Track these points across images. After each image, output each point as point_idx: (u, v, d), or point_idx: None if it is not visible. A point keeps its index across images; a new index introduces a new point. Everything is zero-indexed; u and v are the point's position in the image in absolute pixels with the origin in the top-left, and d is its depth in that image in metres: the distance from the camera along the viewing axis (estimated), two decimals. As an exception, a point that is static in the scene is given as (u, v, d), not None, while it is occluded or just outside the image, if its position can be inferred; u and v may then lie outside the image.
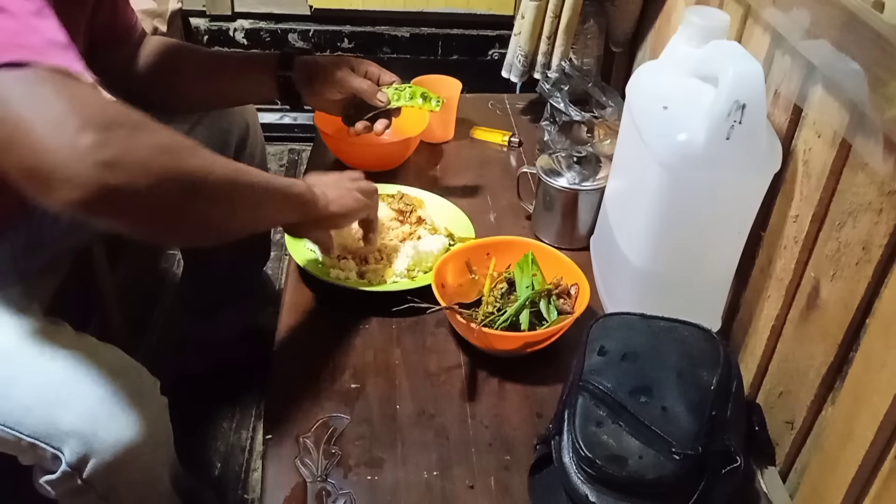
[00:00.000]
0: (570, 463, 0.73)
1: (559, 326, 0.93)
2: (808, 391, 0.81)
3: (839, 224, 0.76)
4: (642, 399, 0.74)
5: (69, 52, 0.66)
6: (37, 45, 0.64)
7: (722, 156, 0.82)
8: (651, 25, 1.38)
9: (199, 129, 1.18)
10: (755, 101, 0.78)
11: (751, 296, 0.95)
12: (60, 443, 0.79)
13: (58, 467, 0.80)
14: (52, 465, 0.81)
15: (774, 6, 0.86)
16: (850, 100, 0.72)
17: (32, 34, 0.64)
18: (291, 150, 2.23)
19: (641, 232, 0.93)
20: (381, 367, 0.95)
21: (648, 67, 0.98)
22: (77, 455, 0.79)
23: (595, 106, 1.30)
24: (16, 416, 0.80)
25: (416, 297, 0.95)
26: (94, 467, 0.80)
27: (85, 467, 0.80)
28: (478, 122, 1.48)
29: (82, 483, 0.80)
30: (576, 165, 1.14)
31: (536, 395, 0.92)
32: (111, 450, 0.80)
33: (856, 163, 0.73)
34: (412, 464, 0.83)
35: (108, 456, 0.80)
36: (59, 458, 0.80)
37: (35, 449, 0.80)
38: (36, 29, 0.65)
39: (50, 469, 0.81)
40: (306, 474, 0.81)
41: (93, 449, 0.79)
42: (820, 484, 0.77)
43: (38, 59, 0.62)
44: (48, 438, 0.79)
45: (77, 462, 0.79)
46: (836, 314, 0.76)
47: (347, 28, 2.13)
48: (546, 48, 1.42)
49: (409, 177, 1.32)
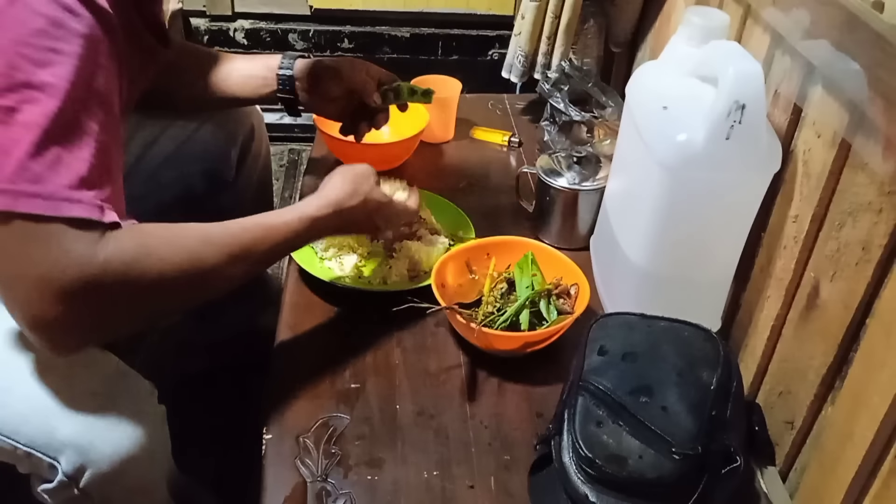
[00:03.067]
0: (570, 463, 0.73)
1: (559, 326, 0.93)
2: (808, 391, 0.81)
3: (839, 224, 0.76)
4: (642, 399, 0.73)
5: (92, 192, 0.69)
6: (55, 191, 0.66)
7: (722, 156, 0.82)
8: (651, 25, 1.38)
9: (206, 128, 1.18)
10: (755, 101, 0.78)
11: (751, 296, 0.95)
12: (57, 453, 0.79)
13: (54, 476, 0.79)
14: (48, 474, 0.80)
15: (774, 6, 0.86)
16: (850, 100, 0.72)
17: (55, 176, 0.67)
18: (291, 150, 2.23)
19: (641, 232, 0.93)
20: (381, 367, 0.95)
21: (648, 67, 0.98)
22: (73, 465, 0.78)
23: (595, 106, 1.30)
24: (12, 425, 0.79)
25: (416, 297, 0.95)
26: (91, 477, 0.79)
27: (81, 477, 0.79)
28: (478, 122, 1.48)
29: (79, 493, 0.80)
30: (576, 165, 1.14)
31: (536, 395, 0.92)
32: (108, 460, 0.79)
33: (856, 163, 0.73)
34: (412, 464, 0.83)
35: (105, 466, 0.79)
36: (56, 467, 0.79)
37: (31, 458, 0.79)
38: (66, 166, 0.67)
39: (47, 478, 0.81)
40: (306, 474, 0.81)
41: (89, 459, 0.79)
42: (820, 484, 0.77)
43: (52, 212, 0.66)
44: (44, 448, 0.79)
45: (74, 472, 0.79)
46: (835, 314, 0.76)
47: (347, 28, 2.13)
48: (546, 48, 1.42)
49: (409, 177, 1.32)
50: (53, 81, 0.66)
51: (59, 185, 0.66)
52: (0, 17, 0.66)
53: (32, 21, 0.67)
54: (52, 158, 0.66)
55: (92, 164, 0.69)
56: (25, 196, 0.65)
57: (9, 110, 0.65)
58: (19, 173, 0.65)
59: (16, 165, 0.65)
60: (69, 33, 0.68)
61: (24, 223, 0.66)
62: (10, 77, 0.65)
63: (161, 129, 1.16)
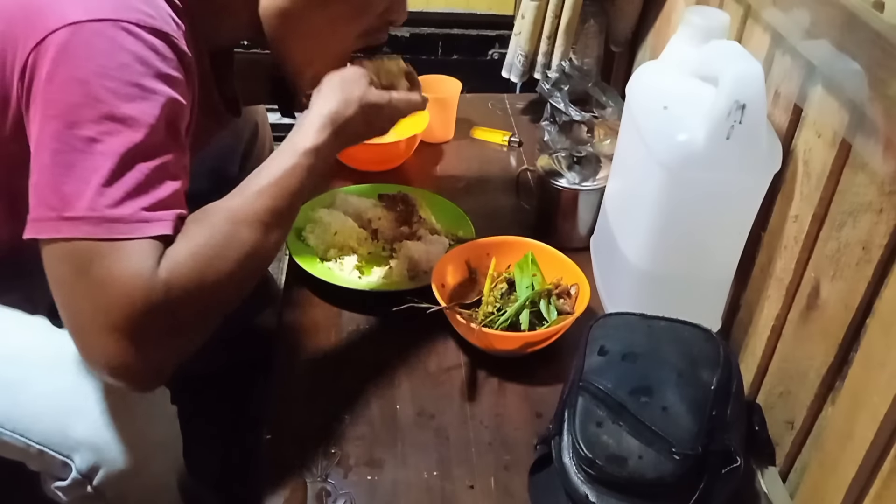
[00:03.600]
0: (570, 463, 0.73)
1: (559, 326, 0.93)
2: (808, 391, 0.81)
3: (839, 224, 0.76)
4: (642, 399, 0.74)
5: (168, 211, 0.70)
6: (133, 213, 0.67)
7: (722, 156, 0.82)
8: (651, 25, 1.38)
9: None
10: (755, 101, 0.78)
11: (751, 296, 0.95)
12: (71, 451, 0.78)
13: (67, 474, 0.79)
14: (61, 472, 0.80)
15: (774, 6, 0.86)
16: (850, 100, 0.72)
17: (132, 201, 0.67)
18: (291, 150, 2.23)
19: (641, 232, 0.93)
20: (381, 367, 0.95)
21: (648, 67, 0.98)
22: (88, 464, 0.78)
23: (595, 106, 1.30)
24: (25, 424, 0.79)
25: (416, 297, 0.95)
26: (105, 476, 0.79)
27: (95, 476, 0.79)
28: (478, 122, 1.48)
29: (92, 491, 0.80)
30: (576, 165, 1.14)
31: (536, 395, 0.92)
32: (122, 459, 0.79)
33: (856, 163, 0.73)
34: (412, 464, 0.83)
35: (119, 465, 0.79)
36: (69, 465, 0.79)
37: (44, 456, 0.79)
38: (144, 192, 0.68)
39: (59, 476, 0.80)
40: (306, 474, 0.81)
41: (104, 458, 0.78)
42: (820, 484, 0.77)
43: (130, 234, 0.67)
44: (58, 447, 0.79)
45: (87, 470, 0.78)
46: (836, 314, 0.76)
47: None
48: (546, 48, 1.42)
49: (409, 177, 1.32)
50: (137, 116, 0.67)
51: (137, 209, 0.68)
52: (85, 48, 0.67)
53: (118, 55, 0.68)
54: (132, 184, 0.67)
55: (168, 192, 0.70)
56: (106, 221, 0.66)
57: (90, 140, 0.66)
58: (97, 199, 0.66)
59: (94, 192, 0.66)
60: (154, 71, 0.69)
61: (103, 250, 0.67)
62: (92, 108, 0.66)
63: None
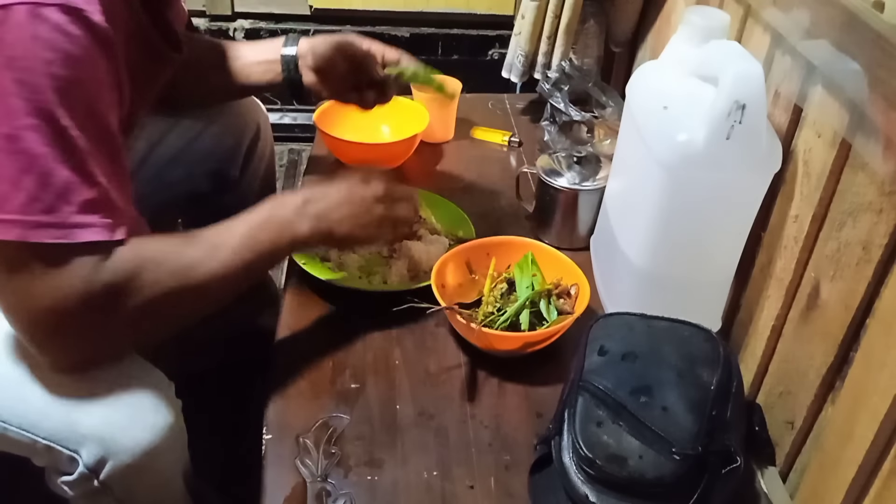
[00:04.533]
0: (570, 463, 0.73)
1: (559, 326, 0.93)
2: (808, 391, 0.81)
3: (839, 224, 0.76)
4: (642, 399, 0.73)
5: (99, 214, 0.70)
6: (65, 219, 0.68)
7: (722, 156, 0.82)
8: (651, 25, 1.38)
9: (212, 128, 1.18)
10: (755, 101, 0.78)
11: (751, 296, 0.95)
12: (78, 445, 0.78)
13: (74, 469, 0.79)
14: (68, 466, 0.80)
15: (774, 6, 0.86)
16: (850, 100, 0.72)
17: (65, 204, 0.68)
18: (291, 151, 2.23)
19: (641, 232, 0.93)
20: (381, 367, 0.95)
21: (648, 67, 0.98)
22: (95, 458, 0.78)
23: (595, 106, 1.30)
24: (32, 419, 0.79)
25: (416, 297, 0.95)
26: (112, 470, 0.79)
27: (102, 469, 0.79)
28: (478, 122, 1.48)
29: (99, 485, 0.80)
30: (576, 165, 1.14)
31: (536, 395, 0.92)
32: (129, 453, 0.79)
33: (856, 163, 0.73)
34: (412, 464, 0.83)
35: (126, 459, 0.79)
36: (76, 460, 0.79)
37: (51, 451, 0.79)
38: (74, 192, 0.68)
39: (65, 471, 0.81)
40: (306, 474, 0.81)
41: (111, 452, 0.78)
42: (820, 484, 0.77)
43: (65, 240, 0.68)
44: (65, 441, 0.79)
45: (95, 464, 0.78)
46: (836, 314, 0.76)
47: (347, 28, 2.13)
48: (546, 48, 1.42)
49: (409, 177, 1.32)
50: (50, 107, 0.66)
51: (69, 213, 0.68)
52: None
53: (22, 44, 0.65)
54: (61, 186, 0.67)
55: (99, 185, 0.69)
56: (39, 227, 0.67)
57: (10, 138, 0.65)
58: (30, 204, 0.66)
59: (25, 196, 0.66)
60: (62, 55, 0.66)
61: (35, 252, 0.68)
62: (4, 104, 0.65)
63: (167, 129, 1.16)
